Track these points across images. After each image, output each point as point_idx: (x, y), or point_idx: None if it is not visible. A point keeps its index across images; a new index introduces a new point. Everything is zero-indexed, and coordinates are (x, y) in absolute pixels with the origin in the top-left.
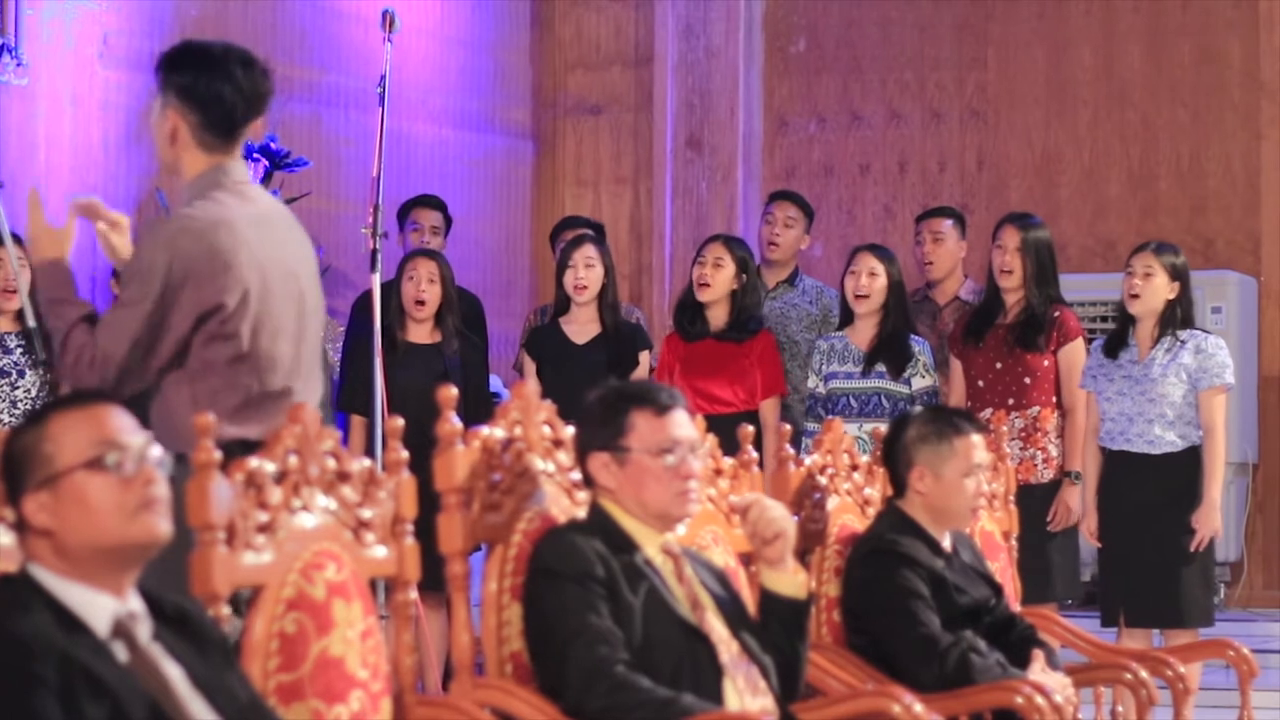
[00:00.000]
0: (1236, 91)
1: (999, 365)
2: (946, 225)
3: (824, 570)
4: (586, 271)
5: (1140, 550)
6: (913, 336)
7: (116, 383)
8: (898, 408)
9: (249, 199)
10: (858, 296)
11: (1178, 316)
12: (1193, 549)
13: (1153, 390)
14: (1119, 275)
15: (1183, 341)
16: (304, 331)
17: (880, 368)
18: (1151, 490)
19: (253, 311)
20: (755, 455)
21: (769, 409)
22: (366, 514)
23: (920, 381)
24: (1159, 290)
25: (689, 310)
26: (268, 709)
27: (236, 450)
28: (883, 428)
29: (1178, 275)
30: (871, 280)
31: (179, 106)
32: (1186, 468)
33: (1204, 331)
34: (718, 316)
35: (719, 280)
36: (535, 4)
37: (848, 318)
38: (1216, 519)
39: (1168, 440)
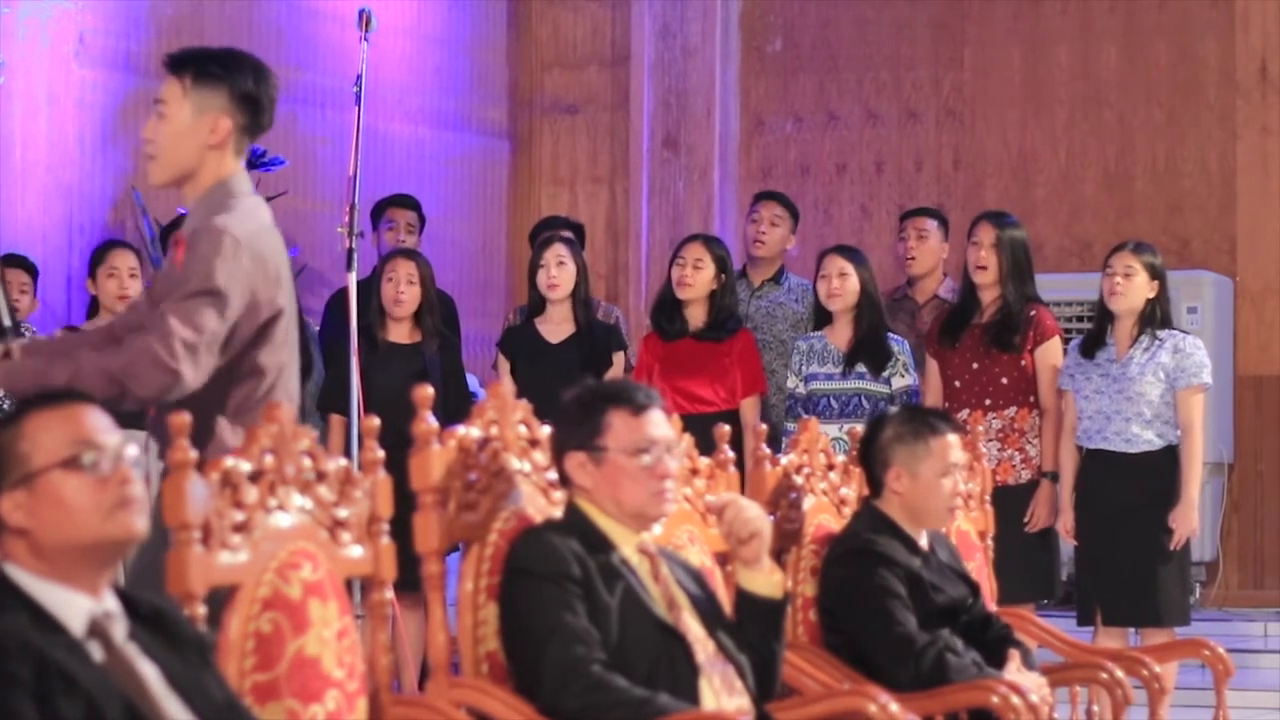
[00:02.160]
0: (1212, 91)
1: (975, 366)
2: (931, 225)
3: (800, 570)
4: (558, 270)
5: (1117, 549)
6: (891, 335)
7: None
8: (877, 408)
9: (261, 207)
10: (830, 297)
11: (1157, 316)
12: (1171, 548)
13: (1130, 389)
14: (1095, 275)
15: (1161, 341)
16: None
17: (860, 368)
18: (1129, 489)
19: (288, 320)
20: (732, 455)
21: (749, 408)
22: (342, 513)
23: (900, 381)
24: (1140, 289)
25: (667, 309)
26: (244, 708)
27: None
28: (860, 428)
29: (1156, 274)
30: (843, 281)
31: (230, 109)
32: (1164, 467)
33: (1182, 331)
34: (696, 316)
35: (699, 280)
36: (512, 3)
37: (824, 319)
38: (1194, 518)
39: (1145, 439)
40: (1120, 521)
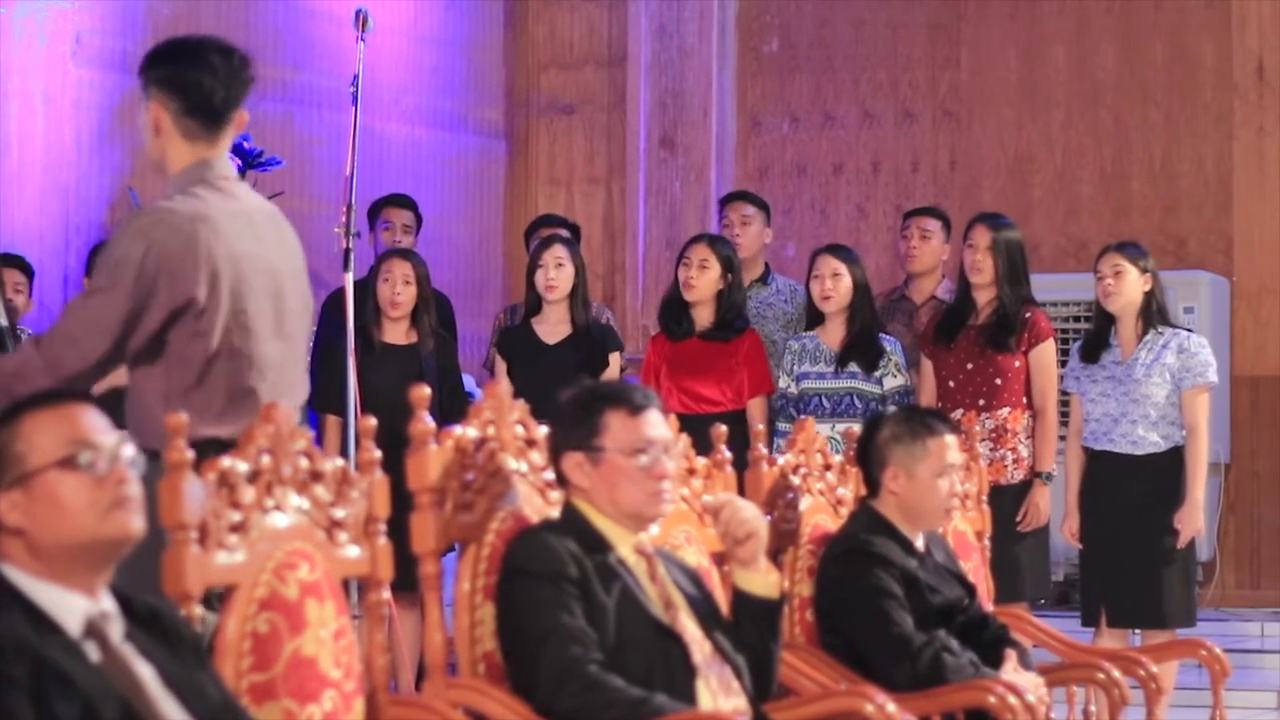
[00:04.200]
0: (1209, 92)
1: (970, 366)
2: (935, 225)
3: (797, 570)
4: (557, 271)
5: (1122, 551)
6: (883, 335)
7: (76, 377)
8: (869, 408)
9: (232, 195)
10: (824, 299)
11: (1154, 309)
12: (1177, 548)
13: (1136, 391)
14: (1092, 275)
15: (1165, 340)
16: (282, 330)
17: (853, 367)
18: (1134, 491)
19: (227, 308)
20: (729, 455)
21: (756, 408)
22: (339, 514)
23: (892, 381)
24: (1133, 285)
25: (674, 310)
26: (240, 709)
27: (210, 449)
28: (855, 428)
29: (1147, 269)
30: (836, 281)
31: (160, 97)
32: (1169, 468)
33: (1186, 330)
34: (703, 316)
35: (705, 281)
36: (508, 3)
37: (816, 319)
38: (1200, 518)
39: (1151, 441)
40: (1125, 523)
